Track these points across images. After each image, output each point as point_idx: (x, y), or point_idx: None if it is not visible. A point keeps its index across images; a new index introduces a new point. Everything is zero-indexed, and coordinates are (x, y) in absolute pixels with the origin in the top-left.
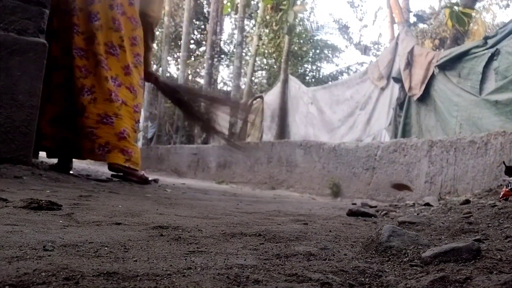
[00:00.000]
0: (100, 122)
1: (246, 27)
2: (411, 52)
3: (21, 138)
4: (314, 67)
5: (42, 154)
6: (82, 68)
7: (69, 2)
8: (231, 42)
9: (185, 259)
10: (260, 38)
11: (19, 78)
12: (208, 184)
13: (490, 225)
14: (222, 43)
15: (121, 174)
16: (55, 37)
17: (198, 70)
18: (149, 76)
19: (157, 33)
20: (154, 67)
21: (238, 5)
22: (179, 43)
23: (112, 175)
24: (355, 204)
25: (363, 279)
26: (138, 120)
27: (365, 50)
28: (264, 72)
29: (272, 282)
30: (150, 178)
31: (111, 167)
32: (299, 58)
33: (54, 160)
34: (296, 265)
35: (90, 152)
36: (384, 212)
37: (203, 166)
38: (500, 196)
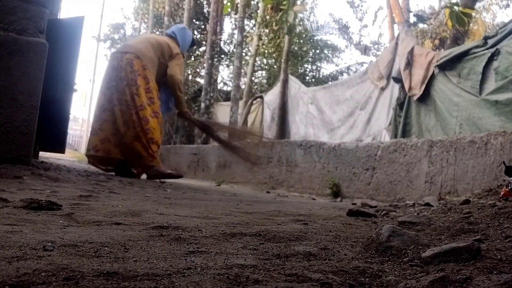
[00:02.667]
0: (134, 140)
1: (246, 27)
2: (411, 52)
3: (21, 138)
4: (314, 67)
5: (42, 154)
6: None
7: (122, 78)
8: (231, 42)
9: (185, 259)
10: (260, 38)
11: (19, 78)
12: (208, 184)
13: (490, 225)
14: (222, 43)
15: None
16: (102, 92)
17: (198, 70)
18: (184, 114)
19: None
20: None
21: (238, 5)
22: None
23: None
24: (355, 204)
25: (363, 279)
26: (150, 137)
27: (365, 50)
28: (264, 72)
29: (272, 282)
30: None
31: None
32: (299, 58)
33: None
34: (296, 265)
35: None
36: (384, 212)
37: (203, 166)
38: (500, 196)
